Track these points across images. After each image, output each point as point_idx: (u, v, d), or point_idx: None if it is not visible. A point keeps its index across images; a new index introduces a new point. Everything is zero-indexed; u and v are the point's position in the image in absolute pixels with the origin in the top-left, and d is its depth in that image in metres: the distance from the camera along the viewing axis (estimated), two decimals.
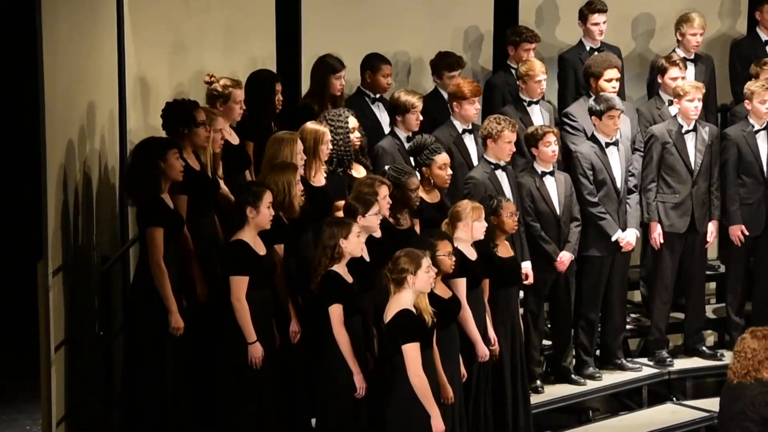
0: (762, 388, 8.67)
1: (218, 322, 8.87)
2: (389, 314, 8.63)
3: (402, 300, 8.61)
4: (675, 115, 11.06)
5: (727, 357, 11.19)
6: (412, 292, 8.62)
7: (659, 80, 11.35)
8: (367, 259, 9.04)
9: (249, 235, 8.85)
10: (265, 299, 8.89)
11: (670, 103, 11.20)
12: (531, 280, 10.38)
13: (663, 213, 11.03)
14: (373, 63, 10.85)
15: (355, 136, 10.04)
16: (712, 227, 11.15)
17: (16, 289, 10.56)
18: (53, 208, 8.74)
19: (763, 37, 11.92)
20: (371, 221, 9.14)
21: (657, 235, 11.02)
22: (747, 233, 11.15)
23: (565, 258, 10.55)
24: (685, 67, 11.36)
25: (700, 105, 10.95)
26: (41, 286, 8.65)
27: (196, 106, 9.32)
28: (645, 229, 11.07)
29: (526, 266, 10.37)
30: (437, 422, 8.58)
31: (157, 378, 8.83)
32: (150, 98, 10.12)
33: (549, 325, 10.90)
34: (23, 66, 9.14)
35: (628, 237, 10.81)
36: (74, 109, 9.19)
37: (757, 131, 11.12)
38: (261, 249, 8.89)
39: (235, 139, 9.81)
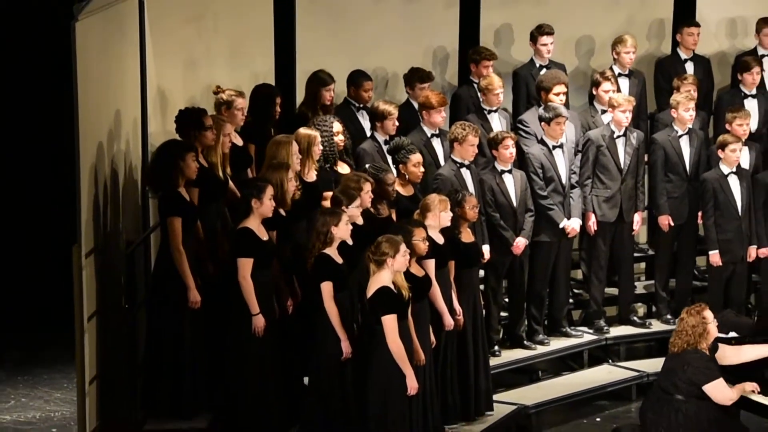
0: (695, 354, 8.70)
1: (227, 297, 8.89)
2: (370, 290, 8.65)
3: (381, 278, 8.63)
4: (608, 123, 11.12)
5: (655, 325, 11.29)
6: (390, 272, 8.64)
7: (594, 92, 11.39)
8: (350, 243, 9.07)
9: (254, 223, 8.84)
10: (267, 278, 8.89)
11: (603, 111, 11.24)
12: (487, 257, 10.40)
13: (596, 205, 11.04)
14: (356, 79, 10.80)
15: (339, 139, 10.03)
16: (637, 217, 11.14)
17: (55, 269, 10.59)
18: (86, 201, 8.68)
19: (683, 56, 11.88)
20: (353, 212, 9.14)
21: (591, 223, 11.02)
22: (672, 222, 11.21)
23: (520, 243, 10.59)
24: (617, 82, 11.41)
25: (630, 115, 10.95)
26: (76, 266, 8.58)
27: (204, 113, 9.28)
28: (582, 218, 11.13)
29: (485, 249, 10.42)
30: (411, 381, 8.63)
31: (176, 344, 8.84)
32: (168, 107, 10.08)
33: (506, 299, 10.98)
34: (60, 81, 9.14)
35: (572, 224, 10.85)
36: (103, 117, 9.12)
37: (681, 135, 11.12)
38: (264, 235, 8.88)
39: (239, 142, 9.79)
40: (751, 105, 11.60)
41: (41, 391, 10.66)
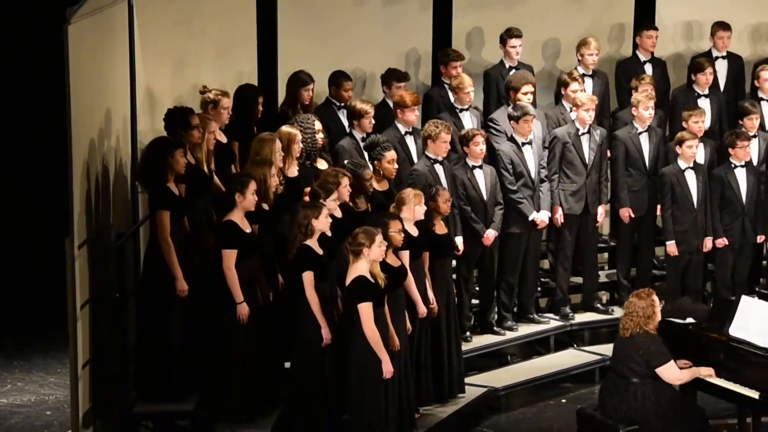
0: (647, 338, 8.77)
1: (214, 287, 8.87)
2: (348, 279, 8.66)
3: (358, 268, 8.64)
4: (573, 120, 11.16)
5: (617, 312, 11.30)
6: (367, 262, 8.65)
7: (563, 92, 11.40)
8: (329, 234, 9.07)
9: (237, 216, 8.85)
10: (251, 268, 8.90)
11: (571, 110, 11.30)
12: (461, 250, 10.46)
13: (563, 198, 11.06)
14: (336, 79, 10.83)
15: (320, 137, 10.06)
16: (601, 210, 11.18)
17: (49, 260, 10.53)
18: (78, 195, 8.66)
19: (642, 57, 11.91)
20: (330, 204, 9.16)
21: (559, 215, 11.06)
22: (633, 214, 11.28)
23: (490, 235, 10.61)
24: (583, 82, 11.43)
25: (593, 114, 11.01)
26: (69, 257, 8.57)
27: (191, 112, 9.28)
28: (550, 211, 11.14)
29: (458, 240, 10.44)
30: (387, 366, 8.64)
31: (165, 332, 8.83)
32: (156, 106, 10.06)
33: (477, 288, 11.01)
34: (54, 82, 9.11)
35: (541, 217, 10.88)
36: (94, 115, 9.11)
37: (641, 133, 11.18)
38: (247, 227, 8.89)
39: (223, 139, 9.78)
40: (704, 104, 11.67)
41: (36, 375, 10.64)
